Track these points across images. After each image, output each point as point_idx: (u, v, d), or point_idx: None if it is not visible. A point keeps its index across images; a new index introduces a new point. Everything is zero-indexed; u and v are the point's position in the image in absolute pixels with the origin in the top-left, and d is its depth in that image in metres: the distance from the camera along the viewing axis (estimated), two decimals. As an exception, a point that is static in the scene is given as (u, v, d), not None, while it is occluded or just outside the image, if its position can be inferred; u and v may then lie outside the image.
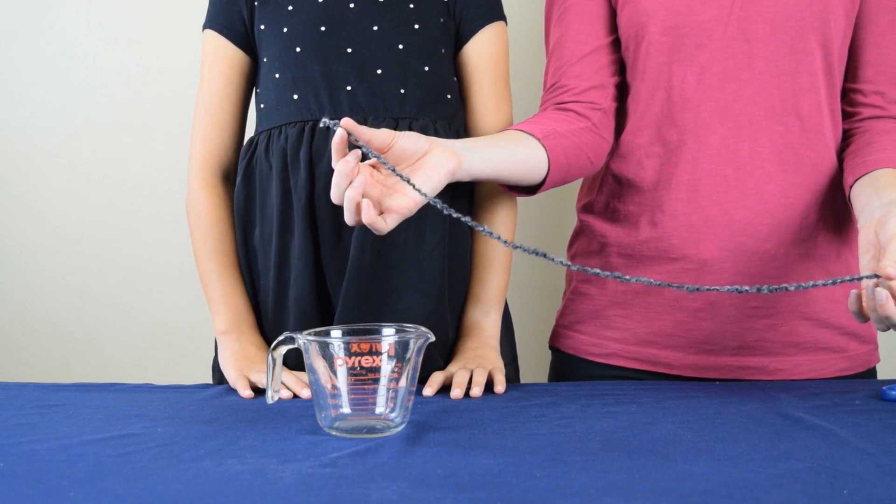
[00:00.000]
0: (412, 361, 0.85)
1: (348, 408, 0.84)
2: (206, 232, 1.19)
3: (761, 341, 1.15)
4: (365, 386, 0.83)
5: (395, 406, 0.85)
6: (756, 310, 1.14)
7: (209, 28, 1.21)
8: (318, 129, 1.15)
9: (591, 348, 1.22)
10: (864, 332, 1.18)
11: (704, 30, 1.12)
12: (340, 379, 0.83)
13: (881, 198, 0.97)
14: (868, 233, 0.93)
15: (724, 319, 1.15)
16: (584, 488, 0.67)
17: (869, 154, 1.08)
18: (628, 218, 1.20)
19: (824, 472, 0.70)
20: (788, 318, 1.15)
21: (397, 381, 0.84)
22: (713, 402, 0.96)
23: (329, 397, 0.84)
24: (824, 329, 1.16)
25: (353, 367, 0.83)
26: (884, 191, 0.99)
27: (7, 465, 0.75)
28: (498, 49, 1.22)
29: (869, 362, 1.20)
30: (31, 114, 1.81)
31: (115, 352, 1.83)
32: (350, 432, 0.84)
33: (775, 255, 1.13)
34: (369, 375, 0.83)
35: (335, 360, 0.83)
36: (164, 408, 0.98)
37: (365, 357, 0.83)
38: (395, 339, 0.84)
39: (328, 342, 0.84)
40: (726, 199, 1.13)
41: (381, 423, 0.84)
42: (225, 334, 1.16)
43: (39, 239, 1.82)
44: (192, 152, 1.21)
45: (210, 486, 0.69)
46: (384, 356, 0.83)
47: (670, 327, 1.17)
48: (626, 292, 1.20)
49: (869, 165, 1.07)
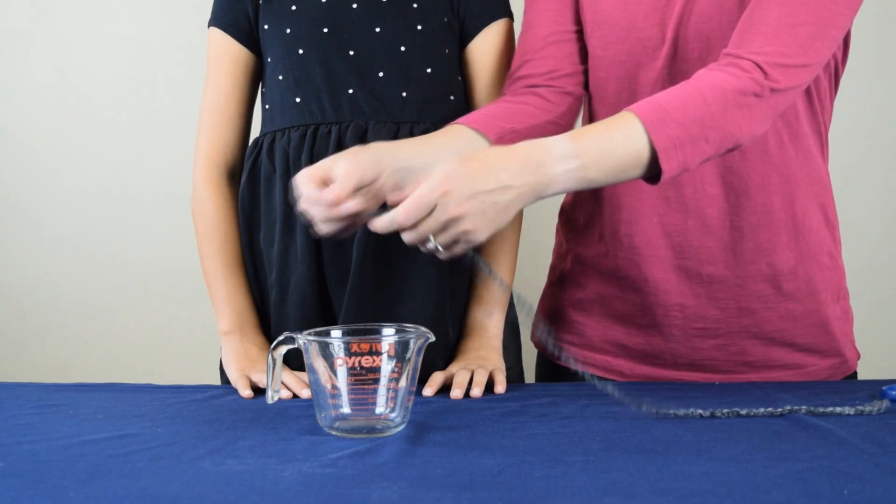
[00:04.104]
0: (412, 361, 0.85)
1: (348, 408, 0.84)
2: (210, 231, 1.19)
3: (711, 360, 1.14)
4: (365, 386, 0.83)
5: (395, 406, 0.85)
6: (703, 331, 1.13)
7: (214, 26, 1.21)
8: (320, 132, 1.15)
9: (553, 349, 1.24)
10: (825, 346, 1.14)
11: (644, 48, 1.09)
12: (340, 379, 0.83)
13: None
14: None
15: (671, 338, 1.14)
16: (584, 488, 0.67)
17: None
18: (582, 228, 1.20)
19: (824, 472, 0.70)
20: (737, 338, 1.13)
21: (397, 381, 0.84)
22: (713, 402, 0.96)
23: (329, 397, 0.84)
24: (777, 347, 1.13)
25: (353, 367, 0.83)
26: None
27: (7, 465, 0.75)
28: (503, 47, 1.21)
29: (834, 376, 1.15)
30: (31, 114, 1.81)
31: (115, 352, 1.83)
32: (350, 432, 0.84)
33: (721, 278, 1.11)
34: (369, 375, 0.83)
35: (335, 360, 0.83)
36: (164, 408, 0.98)
37: (365, 357, 0.83)
38: (395, 339, 0.84)
39: (328, 342, 0.84)
40: (668, 222, 1.11)
41: (381, 423, 0.84)
42: (228, 334, 1.16)
43: (40, 239, 1.82)
44: (198, 150, 1.21)
45: (210, 486, 0.69)
46: (384, 356, 0.83)
47: (622, 337, 1.17)
48: (583, 300, 1.20)
49: None
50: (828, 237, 1.14)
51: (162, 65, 1.78)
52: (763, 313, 1.12)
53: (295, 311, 1.15)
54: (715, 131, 0.93)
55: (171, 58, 1.77)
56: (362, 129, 1.14)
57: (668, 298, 1.13)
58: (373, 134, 1.13)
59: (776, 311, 1.12)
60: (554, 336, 0.87)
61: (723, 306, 1.12)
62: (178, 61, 1.76)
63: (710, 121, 0.92)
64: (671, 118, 0.91)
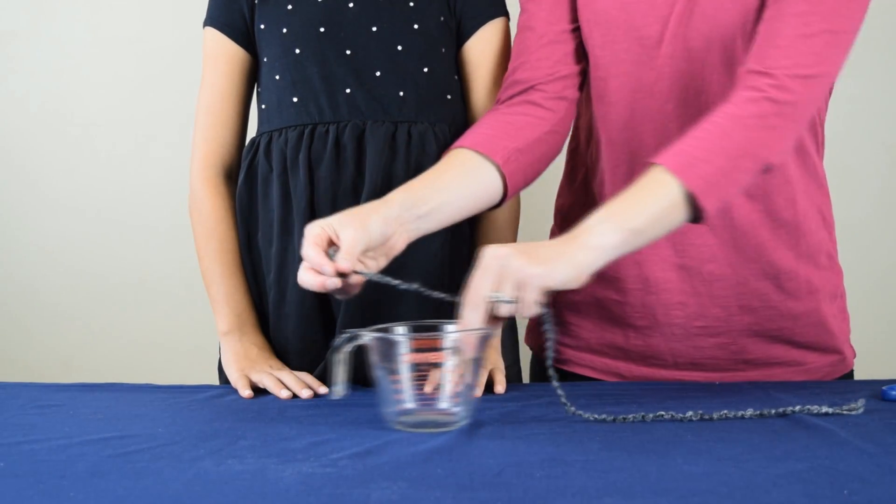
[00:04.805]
0: (474, 357, 0.87)
1: (412, 403, 0.86)
2: (208, 231, 1.19)
3: (712, 359, 1.14)
4: (429, 381, 0.86)
5: (459, 401, 0.87)
6: (704, 329, 1.13)
7: (210, 26, 1.21)
8: (317, 132, 1.15)
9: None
10: (824, 344, 1.15)
11: (643, 46, 1.08)
12: (404, 374, 0.86)
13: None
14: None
15: (672, 338, 1.14)
16: (584, 488, 0.67)
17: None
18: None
19: (824, 472, 0.70)
20: (738, 336, 1.13)
21: (460, 377, 0.86)
22: (713, 402, 0.96)
23: (393, 393, 0.86)
24: (777, 345, 1.13)
25: (416, 363, 0.85)
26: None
27: (7, 465, 0.75)
28: (499, 46, 1.21)
29: (833, 373, 1.16)
30: (30, 114, 1.81)
31: (115, 352, 1.83)
32: (414, 427, 0.86)
33: (721, 276, 1.11)
34: (433, 371, 0.86)
35: (399, 357, 0.85)
36: (164, 408, 0.98)
37: (428, 353, 0.85)
38: (458, 335, 0.86)
39: (393, 339, 0.87)
40: None
41: (444, 418, 0.87)
42: (227, 335, 1.16)
43: (40, 239, 1.82)
44: (195, 151, 1.21)
45: (210, 486, 0.69)
46: (447, 352, 0.85)
47: (620, 340, 1.17)
48: (578, 302, 1.19)
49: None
50: (826, 237, 1.15)
51: (160, 65, 1.78)
52: (764, 311, 1.12)
53: (294, 310, 1.15)
54: (744, 159, 0.95)
55: (170, 58, 1.77)
56: (360, 129, 1.14)
57: (668, 297, 1.12)
58: (370, 133, 1.13)
59: (777, 309, 1.12)
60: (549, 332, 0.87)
61: (724, 304, 1.12)
62: (177, 61, 1.75)
63: (736, 151, 0.94)
64: (696, 159, 0.93)
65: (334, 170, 1.13)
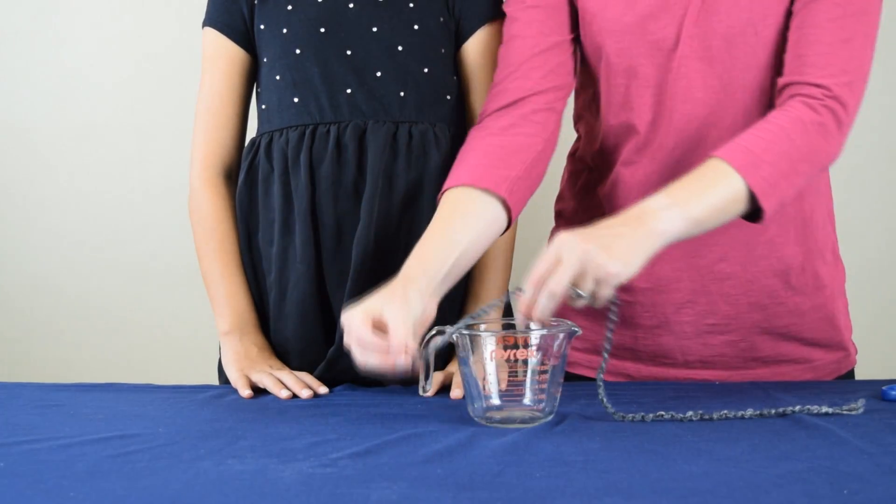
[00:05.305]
0: (559, 354, 0.88)
1: (499, 399, 0.88)
2: (208, 231, 1.19)
3: (721, 356, 1.14)
4: (515, 378, 0.87)
5: (544, 397, 0.88)
6: (714, 326, 1.13)
7: (209, 26, 1.21)
8: (318, 132, 1.15)
9: None
10: (831, 340, 1.16)
11: (659, 49, 1.08)
12: (491, 371, 0.87)
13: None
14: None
15: (682, 336, 1.14)
16: (584, 488, 0.67)
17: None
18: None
19: (824, 473, 0.70)
20: (748, 334, 1.13)
21: (545, 374, 0.88)
22: (713, 402, 0.96)
23: (480, 389, 0.88)
24: (786, 342, 1.14)
25: (503, 360, 0.87)
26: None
27: (7, 465, 0.75)
28: (498, 47, 1.21)
29: (839, 370, 1.17)
30: (31, 114, 1.81)
31: (115, 352, 1.83)
32: (500, 423, 0.88)
33: (730, 274, 1.11)
34: (519, 368, 0.87)
35: (487, 353, 0.87)
36: (164, 408, 0.98)
37: (515, 350, 0.87)
38: (544, 332, 0.87)
39: (480, 335, 0.89)
40: None
41: (529, 414, 0.88)
42: (227, 335, 1.16)
43: (40, 238, 1.82)
44: (194, 152, 1.21)
45: (210, 486, 0.69)
46: (533, 349, 0.87)
47: (629, 341, 1.17)
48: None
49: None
50: (831, 233, 1.17)
51: (160, 65, 1.78)
52: (773, 308, 1.13)
53: (294, 310, 1.15)
54: (803, 164, 0.99)
55: (170, 58, 1.77)
56: (361, 129, 1.14)
57: (679, 296, 1.13)
58: (372, 133, 1.13)
59: (785, 305, 1.13)
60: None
61: (733, 302, 1.12)
62: (177, 61, 1.75)
63: (797, 154, 0.98)
64: (762, 160, 0.96)
65: (335, 170, 1.13)
